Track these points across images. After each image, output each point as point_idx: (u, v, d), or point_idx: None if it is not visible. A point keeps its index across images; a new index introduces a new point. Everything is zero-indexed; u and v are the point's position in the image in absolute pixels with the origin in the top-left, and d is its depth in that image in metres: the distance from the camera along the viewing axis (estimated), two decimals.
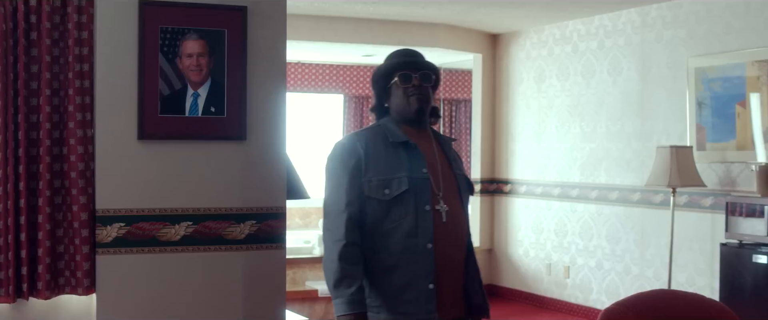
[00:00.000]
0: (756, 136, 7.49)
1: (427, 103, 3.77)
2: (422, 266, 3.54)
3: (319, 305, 9.09)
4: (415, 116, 3.74)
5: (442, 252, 3.58)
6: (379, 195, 3.57)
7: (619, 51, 8.91)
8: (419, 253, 3.55)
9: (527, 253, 10.14)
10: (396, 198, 3.57)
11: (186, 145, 3.93)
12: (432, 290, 3.54)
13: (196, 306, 3.96)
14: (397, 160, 3.63)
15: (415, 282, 3.55)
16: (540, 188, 9.94)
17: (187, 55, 3.89)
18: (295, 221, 11.52)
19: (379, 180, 3.59)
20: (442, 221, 3.59)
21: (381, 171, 3.60)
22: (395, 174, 3.60)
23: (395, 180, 3.59)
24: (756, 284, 6.82)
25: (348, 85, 11.80)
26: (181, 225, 3.92)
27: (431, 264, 3.55)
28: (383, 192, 3.57)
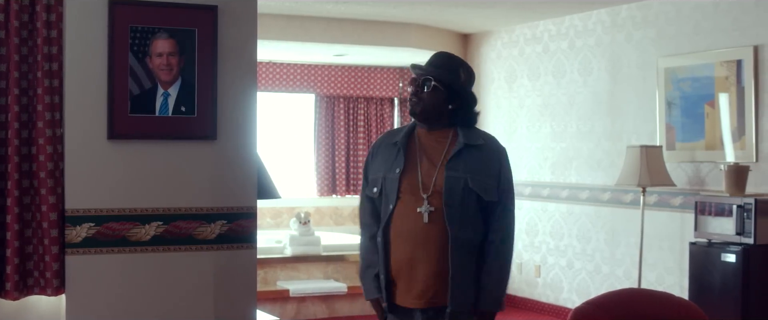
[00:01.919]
0: (725, 135, 7.55)
1: (419, 108, 4.01)
2: (381, 257, 3.92)
3: (291, 305, 9.08)
4: (417, 117, 4.03)
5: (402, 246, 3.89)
6: (371, 194, 4.00)
7: (590, 51, 8.95)
8: (379, 245, 3.93)
9: None
10: (378, 197, 3.97)
11: (156, 144, 3.92)
12: (381, 279, 3.92)
13: (167, 307, 3.94)
14: (386, 160, 3.97)
15: (374, 269, 3.96)
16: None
17: (157, 54, 3.87)
18: (267, 221, 11.49)
19: (371, 180, 4.01)
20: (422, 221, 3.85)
21: (374, 171, 4.01)
22: (377, 175, 3.98)
23: (377, 180, 3.97)
24: (724, 282, 6.87)
25: (319, 84, 11.78)
26: (151, 225, 3.91)
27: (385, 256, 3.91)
28: (372, 191, 3.99)
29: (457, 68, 4.11)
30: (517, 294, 9.84)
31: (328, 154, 11.94)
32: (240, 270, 4.07)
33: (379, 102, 12.20)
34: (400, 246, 3.89)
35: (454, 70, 4.09)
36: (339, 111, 11.97)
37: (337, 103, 11.95)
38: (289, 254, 9.39)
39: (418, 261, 3.87)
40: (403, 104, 12.27)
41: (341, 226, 12.09)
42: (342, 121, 11.98)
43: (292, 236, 9.53)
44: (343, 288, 9.26)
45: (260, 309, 4.66)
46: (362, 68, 11.98)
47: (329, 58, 11.38)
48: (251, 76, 4.09)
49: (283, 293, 9.02)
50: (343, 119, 11.98)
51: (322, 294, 9.21)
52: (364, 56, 11.29)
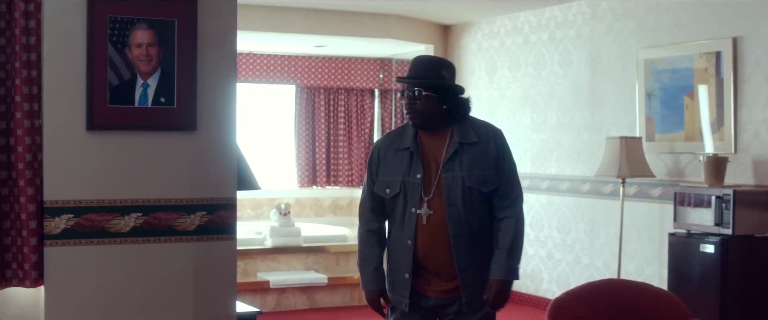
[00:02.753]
0: (704, 127, 7.58)
1: (418, 118, 4.18)
2: (403, 257, 4.15)
3: (271, 296, 9.07)
4: (418, 129, 4.21)
5: (423, 248, 4.12)
6: (383, 193, 4.18)
7: (570, 42, 8.97)
8: (403, 246, 4.15)
9: None
10: (393, 198, 4.16)
11: (135, 135, 3.91)
12: (407, 279, 4.14)
13: (146, 298, 3.94)
14: (400, 165, 4.17)
15: (397, 269, 4.18)
16: None
17: (137, 44, 3.86)
18: (247, 212, 11.48)
19: (384, 181, 4.19)
20: (423, 223, 4.10)
21: (386, 173, 4.18)
22: (394, 177, 4.16)
23: (393, 183, 4.16)
24: (703, 273, 6.90)
25: (299, 75, 11.76)
26: (130, 217, 3.90)
27: (410, 257, 4.13)
28: (385, 191, 4.18)
29: (440, 69, 4.23)
30: None
31: (309, 145, 11.93)
32: (220, 261, 4.06)
33: (360, 93, 12.19)
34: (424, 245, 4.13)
35: (438, 73, 4.21)
36: (319, 102, 11.96)
37: (317, 94, 11.94)
38: (270, 245, 9.39)
39: (439, 256, 4.13)
40: (383, 95, 12.27)
41: (321, 217, 12.09)
42: (322, 112, 11.97)
43: (272, 227, 9.52)
44: (323, 279, 9.27)
45: (240, 300, 4.66)
46: (343, 59, 11.97)
47: (310, 49, 11.36)
48: (231, 67, 4.07)
49: (263, 284, 9.02)
50: (323, 110, 11.97)
51: (303, 285, 9.21)
52: (345, 47, 11.28)
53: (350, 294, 9.51)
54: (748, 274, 6.88)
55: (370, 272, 4.24)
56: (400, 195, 4.14)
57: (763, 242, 6.95)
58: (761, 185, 7.11)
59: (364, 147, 12.26)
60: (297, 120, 11.90)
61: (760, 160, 7.13)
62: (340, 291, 9.47)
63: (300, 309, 9.22)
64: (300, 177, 11.95)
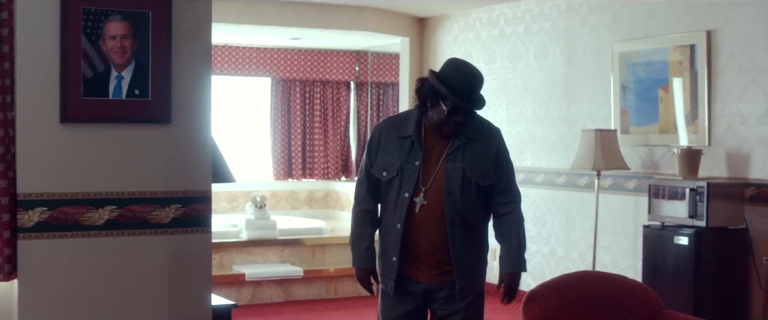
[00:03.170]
0: (678, 119, 7.62)
1: (458, 128, 4.28)
2: (393, 241, 4.29)
3: (246, 289, 9.06)
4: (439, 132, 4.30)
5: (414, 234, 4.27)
6: (379, 175, 4.33)
7: (545, 35, 8.99)
8: (393, 230, 4.29)
9: None
10: (389, 181, 4.30)
11: (109, 128, 3.89)
12: (395, 262, 4.28)
13: (121, 291, 3.92)
14: (400, 150, 4.30)
15: (386, 252, 4.32)
16: None
17: (111, 36, 3.83)
18: (222, 205, 11.45)
19: (382, 164, 4.33)
20: (415, 211, 4.25)
21: (386, 157, 4.33)
22: (392, 162, 4.30)
23: (391, 167, 4.30)
24: (677, 265, 6.94)
25: (275, 68, 11.74)
26: (104, 210, 3.88)
27: (399, 241, 4.26)
28: (382, 174, 4.32)
29: (481, 85, 4.37)
30: None
31: (285, 138, 11.92)
32: (195, 254, 4.05)
33: (336, 86, 12.19)
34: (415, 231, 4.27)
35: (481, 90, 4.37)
36: (295, 94, 11.94)
37: (293, 87, 11.92)
38: (245, 238, 9.37)
39: (430, 243, 4.28)
40: (359, 87, 12.26)
41: (297, 210, 12.09)
42: (298, 104, 11.96)
43: (247, 220, 9.50)
44: (299, 271, 9.26)
45: (216, 293, 4.65)
46: (318, 52, 11.96)
47: (285, 41, 11.34)
48: (206, 60, 4.06)
49: (238, 277, 9.00)
50: (299, 103, 11.96)
51: (278, 278, 9.20)
52: (321, 40, 11.27)
53: (326, 286, 9.51)
54: (722, 266, 6.93)
55: (362, 251, 4.37)
56: (396, 179, 4.28)
57: (736, 234, 7.00)
58: (734, 178, 7.16)
59: (339, 139, 12.26)
60: (273, 112, 11.89)
61: (733, 153, 7.17)
62: (315, 284, 9.46)
63: (276, 302, 9.21)
64: (276, 169, 11.94)
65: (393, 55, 11.88)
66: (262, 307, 8.99)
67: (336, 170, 12.31)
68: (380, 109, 12.35)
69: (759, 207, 6.98)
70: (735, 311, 6.96)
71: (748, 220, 7.02)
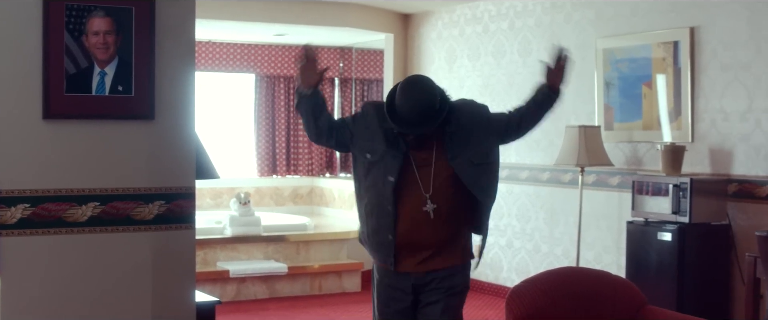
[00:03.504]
0: (662, 116, 7.64)
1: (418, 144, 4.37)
2: (384, 219, 4.37)
3: (231, 286, 9.05)
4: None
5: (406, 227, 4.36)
6: (362, 156, 4.41)
7: (530, 31, 9.00)
8: (384, 210, 4.36)
9: None
10: (372, 163, 4.38)
11: (93, 124, 3.87)
12: (391, 240, 4.37)
13: (104, 288, 3.91)
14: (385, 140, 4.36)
15: (378, 230, 4.41)
16: None
17: (94, 32, 3.81)
18: (207, 201, 11.43)
19: (365, 146, 4.41)
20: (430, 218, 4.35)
21: (368, 139, 4.40)
22: (377, 147, 4.37)
23: (374, 151, 4.37)
24: (660, 260, 6.97)
25: (259, 64, 11.73)
26: (88, 206, 3.86)
27: (391, 220, 4.35)
28: (365, 156, 4.40)
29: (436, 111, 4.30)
30: None
31: (269, 135, 11.91)
32: (178, 250, 4.03)
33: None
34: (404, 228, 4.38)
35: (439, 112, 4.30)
36: (279, 91, 11.93)
37: (277, 83, 11.91)
38: (229, 234, 9.36)
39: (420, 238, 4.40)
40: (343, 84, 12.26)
41: (281, 206, 12.08)
42: (282, 100, 11.95)
43: (232, 216, 9.49)
44: (283, 268, 9.25)
45: (200, 290, 4.64)
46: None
47: (269, 37, 11.33)
48: (190, 56, 4.04)
49: (223, 274, 8.99)
50: (283, 99, 11.95)
51: (263, 275, 9.19)
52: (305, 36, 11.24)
53: (310, 283, 9.50)
54: (705, 262, 6.96)
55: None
56: (381, 164, 4.36)
57: (719, 230, 7.03)
58: (717, 174, 7.19)
59: None
60: (257, 109, 11.88)
61: (716, 149, 7.20)
62: (300, 281, 9.46)
63: (260, 299, 9.20)
64: (260, 166, 11.93)
65: (377, 52, 11.88)
66: (247, 304, 8.98)
67: (320, 166, 12.30)
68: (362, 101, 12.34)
69: (741, 203, 7.02)
70: (718, 306, 6.99)
71: (730, 216, 7.06)
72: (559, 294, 4.67)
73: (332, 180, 12.28)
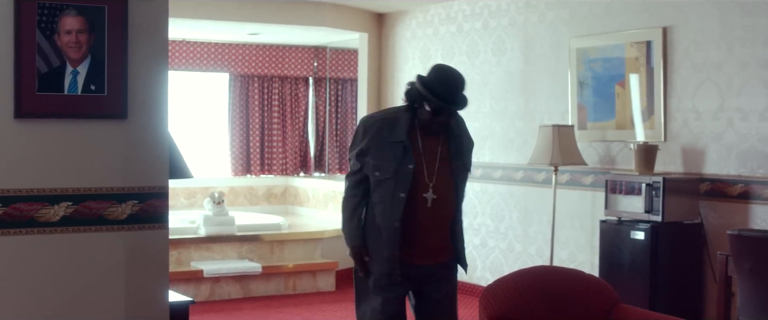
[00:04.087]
0: (635, 115, 7.68)
1: (444, 127, 4.87)
2: (390, 236, 4.76)
3: (205, 285, 9.02)
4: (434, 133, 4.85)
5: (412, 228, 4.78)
6: (371, 175, 4.80)
7: (503, 31, 9.03)
8: (390, 227, 4.76)
9: None
10: (382, 181, 4.78)
11: (65, 123, 3.85)
12: (397, 254, 4.77)
13: (77, 288, 3.89)
14: (393, 153, 4.77)
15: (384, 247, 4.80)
16: None
17: (66, 31, 3.80)
18: (181, 201, 11.40)
19: (374, 165, 4.78)
20: (426, 205, 4.78)
21: (378, 158, 4.78)
22: (386, 163, 4.77)
23: (384, 168, 4.77)
24: (633, 259, 7.00)
25: (233, 63, 11.70)
26: (60, 206, 3.84)
27: (397, 236, 4.75)
28: (374, 174, 4.79)
29: (463, 87, 4.90)
30: None
31: (243, 134, 11.88)
32: (152, 250, 4.02)
33: (294, 81, 12.16)
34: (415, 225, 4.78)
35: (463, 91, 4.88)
36: (253, 90, 11.91)
37: (251, 83, 11.89)
38: (203, 234, 9.33)
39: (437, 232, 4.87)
40: (317, 83, 12.25)
41: (256, 206, 12.06)
42: (256, 100, 11.93)
43: (206, 216, 9.46)
44: (257, 268, 9.24)
45: (174, 289, 4.62)
46: (277, 47, 11.93)
47: (243, 37, 11.31)
48: (163, 55, 4.03)
49: (197, 273, 8.96)
50: (257, 98, 11.93)
51: (237, 275, 9.17)
52: (279, 35, 11.24)
53: (284, 283, 9.49)
54: (677, 260, 7.00)
55: (354, 228, 4.88)
56: (391, 181, 4.76)
57: (691, 228, 7.08)
58: (690, 173, 7.23)
59: (298, 135, 12.24)
60: (231, 108, 11.85)
61: (688, 148, 7.25)
62: (274, 280, 9.45)
63: (234, 298, 9.18)
64: (234, 165, 11.90)
65: (351, 51, 11.88)
66: (221, 304, 8.96)
67: (294, 166, 12.28)
68: (339, 104, 12.35)
69: (713, 202, 7.07)
70: (690, 304, 7.03)
71: (702, 215, 7.10)
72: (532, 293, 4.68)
73: (306, 179, 12.27)
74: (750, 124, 6.86)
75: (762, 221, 6.77)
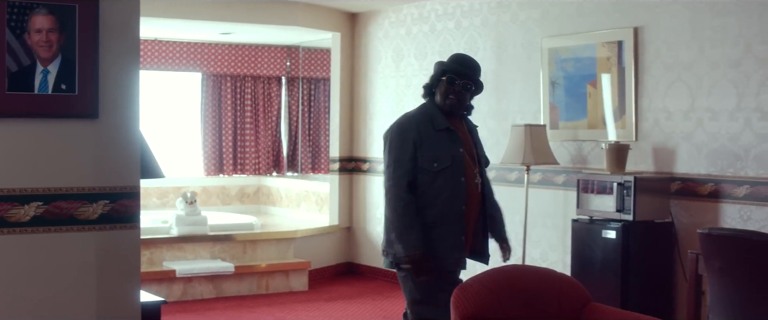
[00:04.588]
0: (606, 115, 7.72)
1: (460, 105, 5.18)
2: (455, 224, 5.01)
3: (177, 285, 8.99)
4: (448, 111, 5.13)
5: (470, 212, 5.08)
6: (430, 167, 4.97)
7: (476, 31, 9.04)
8: (456, 212, 5.00)
9: None
10: (439, 172, 4.97)
11: (35, 123, 3.83)
12: (463, 240, 5.07)
13: (48, 289, 3.87)
14: (444, 141, 5.02)
15: (449, 235, 5.00)
16: None
17: (36, 30, 3.78)
18: (153, 201, 11.36)
19: (430, 156, 4.97)
20: (477, 190, 5.11)
21: (432, 149, 4.98)
22: (441, 153, 4.98)
23: (441, 157, 4.98)
24: (605, 258, 7.03)
25: (206, 63, 11.66)
26: (30, 206, 3.82)
27: (463, 221, 5.02)
28: (433, 165, 4.97)
29: (481, 73, 5.28)
30: None
31: (215, 133, 11.85)
32: (123, 250, 4.01)
33: (267, 81, 12.14)
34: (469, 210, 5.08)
35: (480, 75, 5.27)
36: (226, 90, 11.88)
37: (224, 82, 11.86)
38: (176, 234, 9.30)
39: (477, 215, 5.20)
40: (290, 83, 12.23)
41: (228, 206, 12.03)
42: (229, 99, 11.90)
43: (178, 216, 9.43)
44: (230, 267, 9.22)
45: (146, 290, 4.61)
46: (249, 47, 11.90)
47: (216, 36, 11.28)
48: (134, 54, 4.02)
49: (169, 273, 8.93)
50: (229, 98, 11.90)
51: (209, 274, 9.15)
52: (252, 35, 11.22)
53: (257, 282, 9.47)
54: (648, 259, 7.04)
55: (417, 236, 4.92)
56: (450, 168, 4.98)
57: (662, 227, 7.12)
58: (661, 172, 7.27)
59: (271, 135, 12.22)
60: (203, 108, 11.81)
61: (659, 148, 7.29)
62: (246, 280, 9.43)
63: (206, 298, 9.15)
64: (206, 165, 11.87)
65: (324, 51, 11.87)
66: (193, 303, 8.94)
67: (267, 165, 12.26)
68: (311, 104, 12.34)
69: (684, 201, 7.11)
70: (661, 303, 7.08)
71: (673, 214, 7.15)
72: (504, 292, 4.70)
73: (279, 179, 12.26)
74: (720, 124, 6.91)
75: (732, 220, 6.82)
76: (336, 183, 10.69)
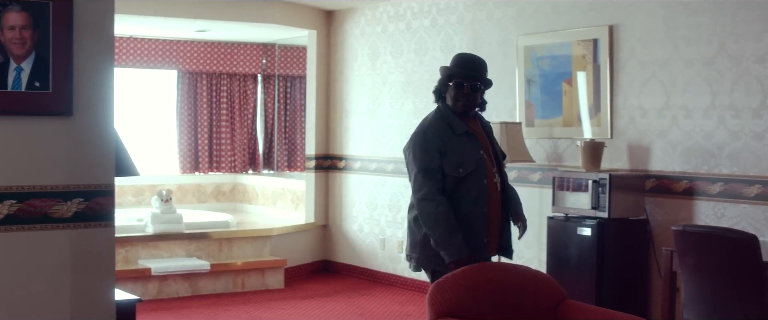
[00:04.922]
0: (582, 112, 7.74)
1: (470, 107, 5.19)
2: (479, 226, 5.04)
3: (152, 283, 8.96)
4: (462, 113, 5.14)
5: (492, 213, 5.11)
6: (455, 173, 4.99)
7: (452, 28, 9.05)
8: (479, 215, 5.03)
9: (362, 229, 10.24)
10: (464, 176, 5.00)
11: (9, 120, 3.81)
12: (486, 243, 5.10)
13: (22, 288, 3.85)
14: (466, 145, 5.06)
15: (472, 237, 5.00)
16: (374, 164, 10.03)
17: (9, 27, 3.75)
18: (128, 199, 11.31)
19: (455, 162, 5.00)
20: (497, 190, 5.14)
21: (457, 155, 5.00)
22: (466, 157, 5.02)
23: (466, 162, 5.02)
24: (580, 255, 7.06)
25: (181, 60, 11.63)
26: (3, 204, 3.80)
27: (485, 223, 5.06)
28: (458, 171, 4.99)
29: (487, 69, 5.29)
30: (380, 269, 9.93)
31: (191, 131, 11.82)
32: (98, 248, 3.99)
33: (243, 78, 12.12)
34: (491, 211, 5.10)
35: (487, 72, 5.27)
36: (201, 87, 11.85)
37: (199, 80, 11.82)
38: (151, 232, 9.27)
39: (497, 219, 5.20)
40: (266, 80, 12.21)
41: (204, 204, 12.00)
42: (205, 97, 11.87)
43: (153, 214, 9.40)
44: (206, 265, 9.19)
45: (121, 288, 4.59)
46: (225, 44, 11.88)
47: (191, 33, 11.24)
48: (109, 51, 4.00)
49: (144, 272, 8.90)
50: (205, 95, 11.87)
51: (185, 272, 9.12)
52: (227, 32, 11.19)
53: (233, 280, 9.45)
54: (623, 256, 7.07)
55: (460, 241, 4.92)
56: (475, 172, 5.02)
57: (637, 225, 7.15)
58: (636, 169, 7.31)
59: (246, 132, 12.20)
60: (179, 105, 11.77)
61: (634, 145, 7.32)
62: (222, 278, 9.41)
63: (182, 297, 9.13)
64: (182, 163, 11.83)
65: (300, 48, 11.86)
66: (169, 302, 8.91)
67: (243, 163, 12.24)
68: (287, 101, 12.32)
69: (659, 199, 7.15)
70: (636, 300, 7.11)
71: (648, 211, 7.18)
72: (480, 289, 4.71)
73: (255, 177, 12.24)
74: (694, 122, 6.94)
75: (706, 217, 6.86)
76: (312, 181, 10.68)
